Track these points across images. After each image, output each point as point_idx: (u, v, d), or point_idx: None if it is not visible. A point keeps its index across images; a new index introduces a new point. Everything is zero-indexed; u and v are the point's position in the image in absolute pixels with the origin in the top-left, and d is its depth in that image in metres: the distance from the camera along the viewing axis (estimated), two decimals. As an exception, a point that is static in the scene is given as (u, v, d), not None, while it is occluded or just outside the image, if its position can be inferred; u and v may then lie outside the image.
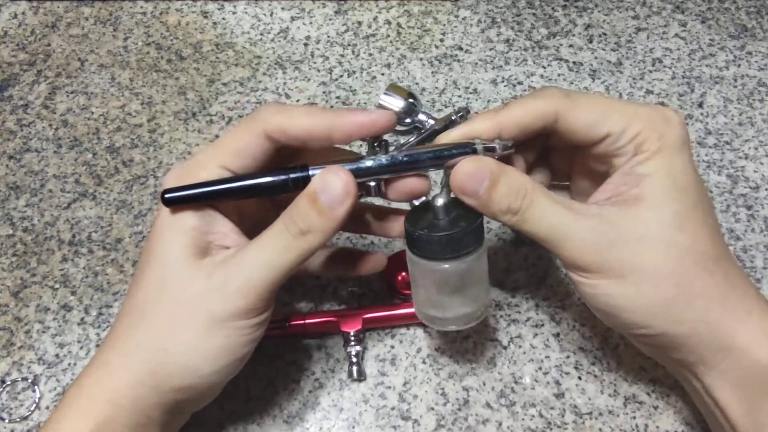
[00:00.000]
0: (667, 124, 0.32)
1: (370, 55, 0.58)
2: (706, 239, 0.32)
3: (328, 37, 0.59)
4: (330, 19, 0.61)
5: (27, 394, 0.42)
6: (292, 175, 0.33)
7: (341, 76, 0.57)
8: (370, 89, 0.56)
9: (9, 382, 0.43)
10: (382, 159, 0.33)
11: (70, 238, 0.49)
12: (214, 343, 0.32)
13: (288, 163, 0.34)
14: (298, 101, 0.55)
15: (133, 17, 0.61)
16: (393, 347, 0.43)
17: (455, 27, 0.60)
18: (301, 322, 0.43)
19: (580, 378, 0.42)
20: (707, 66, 0.56)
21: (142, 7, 0.62)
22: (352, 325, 0.42)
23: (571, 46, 0.58)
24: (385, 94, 0.52)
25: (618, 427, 0.40)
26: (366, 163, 0.33)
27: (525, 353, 0.43)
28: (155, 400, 0.32)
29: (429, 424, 0.40)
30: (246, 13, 0.61)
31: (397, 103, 0.52)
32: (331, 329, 0.43)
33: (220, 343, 0.32)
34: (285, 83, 0.56)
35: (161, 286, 0.33)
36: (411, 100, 0.52)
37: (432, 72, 0.57)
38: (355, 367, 0.42)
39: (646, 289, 0.31)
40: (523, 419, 0.40)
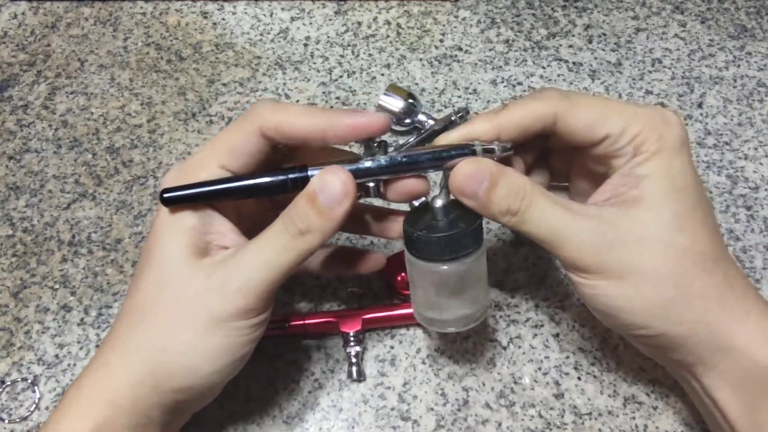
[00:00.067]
0: (667, 124, 0.32)
1: (370, 55, 0.58)
2: (705, 240, 0.32)
3: (328, 37, 0.59)
4: (330, 20, 0.61)
5: (27, 394, 0.42)
6: (291, 176, 0.33)
7: (341, 77, 0.57)
8: (369, 90, 0.56)
9: (9, 383, 0.43)
10: (381, 160, 0.33)
11: (69, 239, 0.49)
12: (213, 343, 0.32)
13: (287, 163, 0.34)
14: (297, 101, 0.55)
15: (133, 17, 0.61)
16: (392, 348, 0.43)
17: (455, 27, 0.60)
18: (301, 322, 0.43)
19: (579, 378, 0.42)
20: (707, 66, 0.56)
21: (142, 7, 0.62)
22: (351, 326, 0.42)
23: (570, 46, 0.58)
24: (384, 94, 0.52)
25: (617, 427, 0.40)
26: (365, 164, 0.33)
27: (524, 354, 0.43)
28: (155, 401, 0.32)
29: (429, 425, 0.40)
30: (246, 13, 0.61)
31: (396, 104, 0.52)
32: (331, 329, 0.43)
33: (219, 343, 0.32)
34: (285, 83, 0.56)
35: (161, 286, 0.33)
36: (411, 101, 0.52)
37: (432, 72, 0.57)
38: (354, 368, 0.42)
39: (645, 289, 0.31)
40: (522, 419, 0.40)
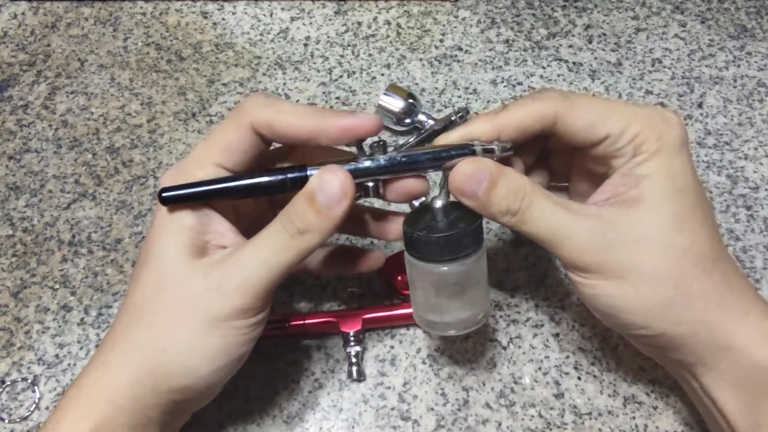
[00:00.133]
0: (666, 124, 0.32)
1: (370, 55, 0.58)
2: (705, 240, 0.32)
3: (328, 37, 0.59)
4: (330, 20, 0.61)
5: (27, 394, 0.42)
6: (289, 175, 0.33)
7: (341, 77, 0.57)
8: (369, 89, 0.56)
9: (9, 383, 0.43)
10: (381, 159, 0.33)
11: (69, 239, 0.49)
12: (211, 343, 0.32)
13: (286, 162, 0.34)
14: (298, 102, 0.55)
15: (133, 17, 0.61)
16: (393, 347, 0.43)
17: (455, 27, 0.60)
18: (301, 322, 0.43)
19: (579, 378, 0.42)
20: (707, 66, 0.56)
21: (142, 7, 0.62)
22: (351, 326, 0.42)
23: (570, 46, 0.58)
24: (384, 94, 0.52)
25: (617, 427, 0.40)
26: (364, 164, 0.33)
27: (524, 353, 0.43)
28: (154, 400, 0.32)
29: (429, 425, 0.40)
30: (246, 13, 0.61)
31: (396, 104, 0.52)
32: (331, 329, 0.43)
33: (217, 342, 0.32)
34: (285, 83, 0.56)
35: (159, 285, 0.33)
36: (411, 101, 0.52)
37: (432, 72, 0.57)
38: (354, 368, 0.42)
39: (644, 290, 0.31)
40: (522, 419, 0.40)
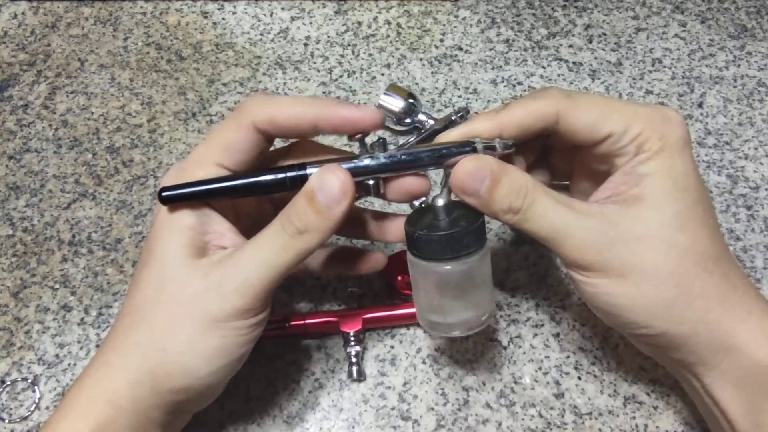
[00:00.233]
0: (669, 124, 0.32)
1: (370, 55, 0.58)
2: (707, 239, 0.32)
3: (328, 37, 0.59)
4: (330, 20, 0.61)
5: (27, 394, 0.42)
6: (289, 174, 0.33)
7: (341, 77, 0.57)
8: (370, 89, 0.56)
9: (9, 383, 0.43)
10: (381, 157, 0.33)
11: (70, 239, 0.49)
12: (211, 344, 0.32)
13: (286, 162, 0.34)
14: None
15: (133, 17, 0.61)
16: (393, 347, 0.43)
17: (455, 27, 0.60)
18: (301, 322, 0.43)
19: (579, 378, 0.42)
20: (707, 66, 0.56)
21: (142, 7, 0.62)
22: (351, 326, 0.42)
23: (570, 46, 0.58)
24: (385, 94, 0.52)
25: (618, 427, 0.40)
26: (364, 162, 0.33)
27: (525, 353, 0.43)
28: (154, 401, 0.32)
29: (429, 425, 0.40)
30: (246, 13, 0.61)
31: (397, 103, 0.52)
32: (331, 329, 0.43)
33: (217, 343, 0.32)
34: (285, 83, 0.56)
35: (160, 286, 0.33)
36: (411, 101, 0.52)
37: (432, 72, 0.57)
38: (354, 368, 0.42)
39: (646, 288, 0.31)
40: (522, 419, 0.40)
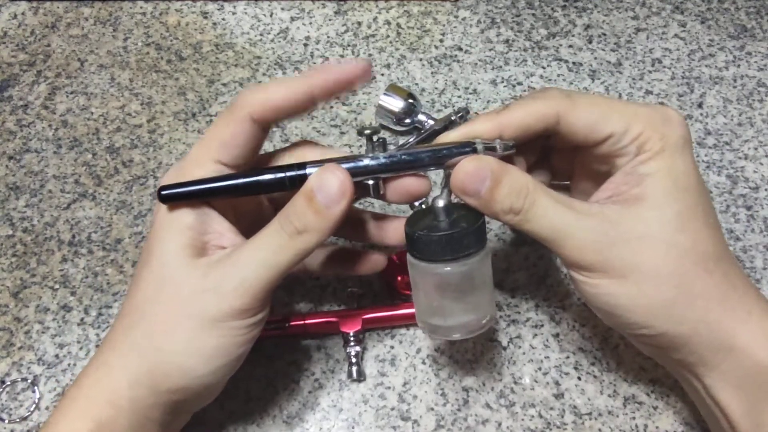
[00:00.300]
0: (670, 124, 0.32)
1: (370, 55, 0.58)
2: (707, 240, 0.32)
3: (328, 37, 0.59)
4: (330, 20, 0.61)
5: (27, 394, 0.42)
6: (289, 174, 0.33)
7: (341, 77, 0.57)
8: (370, 89, 0.56)
9: (9, 383, 0.43)
10: (380, 157, 0.33)
11: (69, 239, 0.49)
12: (209, 344, 0.32)
13: (285, 161, 0.34)
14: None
15: (133, 17, 0.61)
16: (393, 348, 0.43)
17: (455, 27, 0.60)
18: (301, 322, 0.43)
19: (579, 378, 0.42)
20: (707, 66, 0.56)
21: (142, 7, 0.62)
22: (351, 326, 0.42)
23: (570, 46, 0.58)
24: (384, 94, 0.52)
25: (617, 427, 0.40)
26: (363, 162, 0.33)
27: (524, 354, 0.43)
28: (153, 401, 0.32)
29: (429, 425, 0.40)
30: (246, 13, 0.61)
31: (396, 104, 0.52)
32: (331, 330, 0.43)
33: (215, 343, 0.32)
34: (285, 83, 0.56)
35: (159, 285, 0.33)
36: (411, 101, 0.52)
37: (432, 72, 0.57)
38: (354, 368, 0.42)
39: (646, 288, 0.31)
40: (522, 419, 0.40)
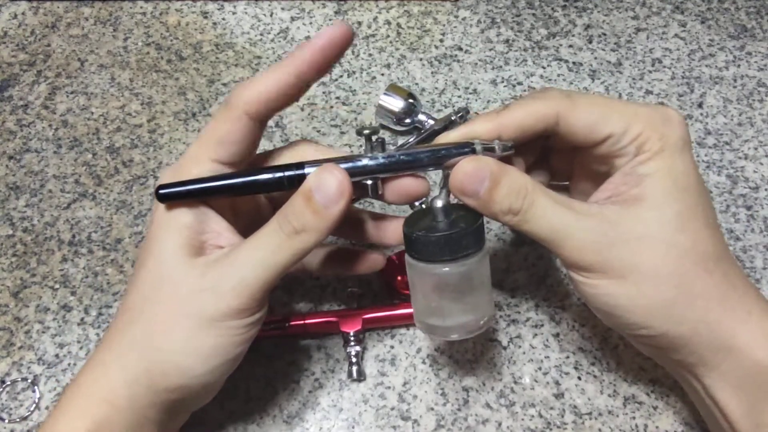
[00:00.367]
0: (669, 124, 0.32)
1: (370, 55, 0.58)
2: (707, 240, 0.32)
3: (328, 37, 0.59)
4: (330, 20, 0.61)
5: (27, 394, 0.42)
6: (287, 173, 0.33)
7: (341, 77, 0.57)
8: (370, 89, 0.56)
9: (9, 382, 0.43)
10: (379, 157, 0.33)
11: (70, 239, 0.49)
12: (206, 343, 0.32)
13: (284, 161, 0.34)
14: (297, 102, 0.55)
15: (133, 17, 0.61)
16: (393, 347, 0.43)
17: (455, 27, 0.60)
18: (301, 322, 0.43)
19: (579, 378, 0.42)
20: (707, 66, 0.56)
21: (142, 7, 0.62)
22: (351, 326, 0.42)
23: (570, 46, 0.58)
24: (384, 94, 0.52)
25: (617, 427, 0.40)
26: (362, 162, 0.33)
27: (525, 353, 0.43)
28: (151, 400, 0.32)
29: (429, 424, 0.40)
30: (246, 13, 0.61)
31: (396, 104, 0.52)
32: (331, 329, 0.43)
33: (212, 342, 0.32)
34: (285, 83, 0.56)
35: (156, 284, 0.33)
36: (411, 101, 0.52)
37: (432, 72, 0.57)
38: (354, 368, 0.42)
39: (646, 289, 0.31)
40: (522, 419, 0.40)
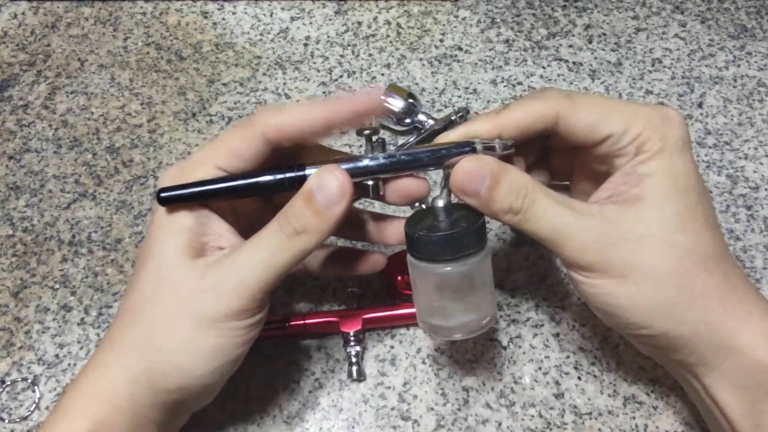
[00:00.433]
0: (669, 124, 0.32)
1: (370, 55, 0.58)
2: (707, 240, 0.32)
3: (328, 37, 0.59)
4: (330, 20, 0.61)
5: (27, 394, 0.42)
6: (288, 175, 0.33)
7: (341, 77, 0.57)
8: (370, 89, 0.56)
9: (9, 383, 0.43)
10: (380, 158, 0.33)
11: (70, 239, 0.49)
12: (207, 344, 0.32)
13: (284, 163, 0.34)
14: (298, 101, 0.55)
15: (133, 17, 0.61)
16: (393, 347, 0.43)
17: (455, 27, 0.60)
18: (301, 322, 0.43)
19: (579, 378, 0.42)
20: (707, 66, 0.56)
21: (142, 7, 0.62)
22: (351, 326, 0.42)
23: (570, 46, 0.58)
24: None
25: (617, 427, 0.40)
26: (363, 162, 0.33)
27: (525, 353, 0.43)
28: (151, 400, 0.32)
29: (429, 425, 0.40)
30: (246, 13, 0.61)
31: (396, 104, 0.52)
32: (331, 329, 0.43)
33: (213, 343, 0.32)
34: (285, 83, 0.56)
35: (157, 285, 0.33)
36: (411, 101, 0.52)
37: (432, 72, 0.57)
38: (354, 368, 0.42)
39: (646, 288, 0.31)
40: (522, 419, 0.40)
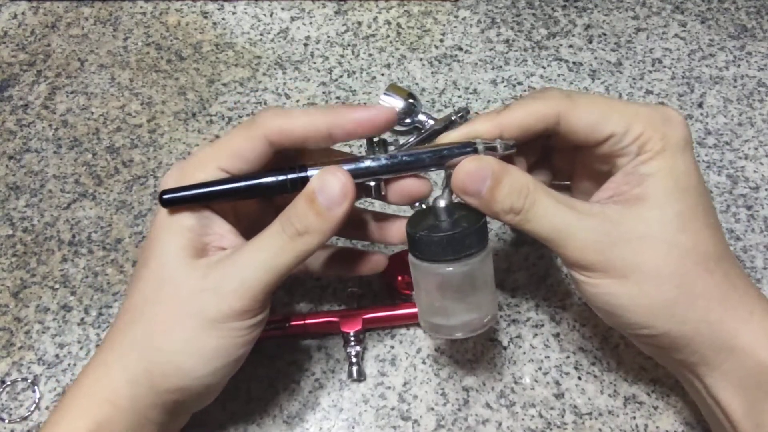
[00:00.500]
0: (670, 124, 0.32)
1: (370, 55, 0.58)
2: (708, 240, 0.32)
3: (328, 37, 0.59)
4: (330, 20, 0.61)
5: (27, 394, 0.42)
6: (290, 176, 0.33)
7: (341, 77, 0.57)
8: (370, 89, 0.56)
9: (9, 383, 0.43)
10: (381, 159, 0.33)
11: (70, 239, 0.49)
12: (208, 344, 0.32)
13: (286, 164, 0.34)
14: (297, 101, 0.55)
15: (133, 17, 0.61)
16: (393, 347, 0.43)
17: (455, 27, 0.60)
18: (302, 322, 0.43)
19: (579, 378, 0.42)
20: (707, 66, 0.56)
21: (142, 7, 0.62)
22: (352, 326, 0.42)
23: (570, 46, 0.58)
24: (385, 94, 0.52)
25: (618, 427, 0.40)
26: (365, 163, 0.33)
27: (525, 353, 0.43)
28: (152, 400, 0.32)
29: (429, 425, 0.40)
30: (246, 13, 0.61)
31: (397, 104, 0.52)
32: (331, 329, 0.43)
33: (214, 344, 0.32)
34: (285, 83, 0.56)
35: (158, 285, 0.33)
36: (411, 101, 0.52)
37: (432, 72, 0.57)
38: (354, 368, 0.42)
39: (647, 288, 0.31)
40: (522, 419, 0.40)
